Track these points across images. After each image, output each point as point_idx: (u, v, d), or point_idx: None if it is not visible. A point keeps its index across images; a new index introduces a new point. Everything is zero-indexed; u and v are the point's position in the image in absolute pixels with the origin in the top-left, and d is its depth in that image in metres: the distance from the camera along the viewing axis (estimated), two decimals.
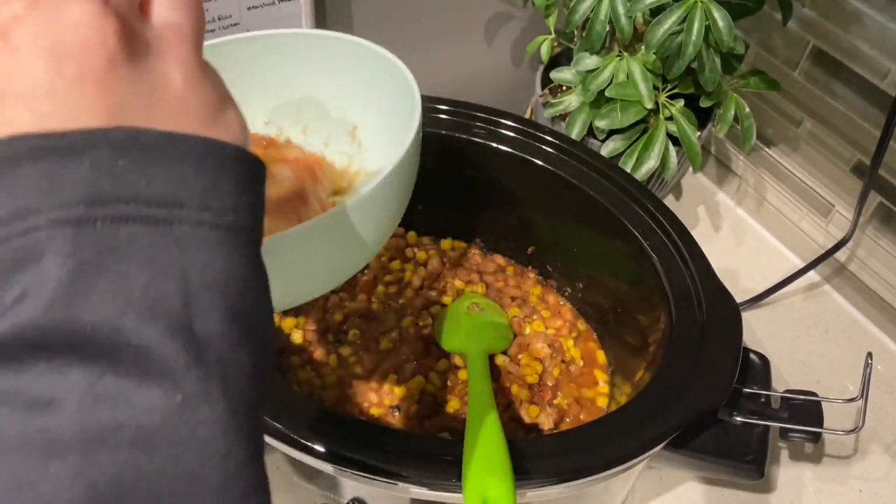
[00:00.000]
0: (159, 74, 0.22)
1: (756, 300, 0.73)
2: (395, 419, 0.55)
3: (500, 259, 0.68)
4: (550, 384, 0.59)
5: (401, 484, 0.40)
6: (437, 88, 0.66)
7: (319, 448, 0.40)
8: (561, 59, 0.78)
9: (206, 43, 0.26)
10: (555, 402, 0.58)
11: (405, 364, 0.58)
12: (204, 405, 0.20)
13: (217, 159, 0.22)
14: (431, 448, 0.42)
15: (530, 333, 0.62)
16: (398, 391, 0.57)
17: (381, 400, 0.57)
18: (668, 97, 0.68)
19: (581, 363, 0.61)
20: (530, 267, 0.67)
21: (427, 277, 0.65)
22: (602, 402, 0.59)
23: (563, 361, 0.61)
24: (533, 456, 0.41)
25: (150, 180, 0.21)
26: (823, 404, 0.50)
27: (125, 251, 0.20)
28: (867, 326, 0.75)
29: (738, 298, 0.52)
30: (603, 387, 0.60)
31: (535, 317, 0.64)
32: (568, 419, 0.57)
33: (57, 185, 0.20)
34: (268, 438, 0.42)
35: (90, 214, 0.20)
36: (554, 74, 0.71)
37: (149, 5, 0.23)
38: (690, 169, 0.68)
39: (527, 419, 0.57)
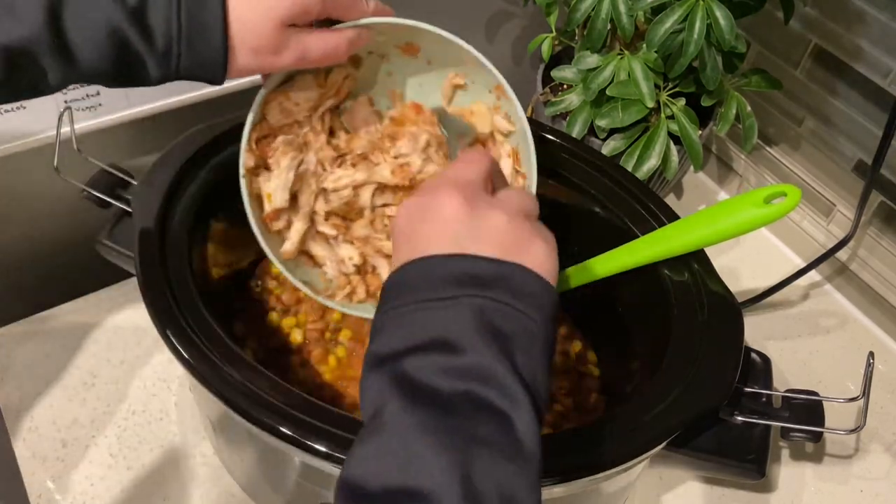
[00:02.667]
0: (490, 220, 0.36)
1: (757, 300, 0.73)
2: None
3: None
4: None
5: None
6: None
7: (320, 447, 0.40)
8: (562, 57, 0.78)
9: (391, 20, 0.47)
10: (555, 402, 0.58)
11: None
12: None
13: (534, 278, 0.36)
14: None
15: None
16: None
17: None
18: (669, 96, 0.67)
19: (581, 363, 0.61)
20: None
21: None
22: (601, 402, 0.59)
23: (563, 360, 0.61)
24: None
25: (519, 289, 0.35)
26: (824, 404, 0.50)
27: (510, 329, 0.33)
28: (868, 326, 0.75)
29: (740, 298, 0.52)
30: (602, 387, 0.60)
31: None
32: (568, 419, 0.57)
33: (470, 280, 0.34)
34: (270, 439, 0.42)
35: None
36: (555, 73, 0.71)
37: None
38: (691, 168, 0.68)
39: None
